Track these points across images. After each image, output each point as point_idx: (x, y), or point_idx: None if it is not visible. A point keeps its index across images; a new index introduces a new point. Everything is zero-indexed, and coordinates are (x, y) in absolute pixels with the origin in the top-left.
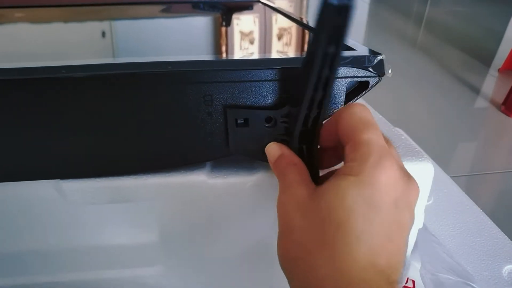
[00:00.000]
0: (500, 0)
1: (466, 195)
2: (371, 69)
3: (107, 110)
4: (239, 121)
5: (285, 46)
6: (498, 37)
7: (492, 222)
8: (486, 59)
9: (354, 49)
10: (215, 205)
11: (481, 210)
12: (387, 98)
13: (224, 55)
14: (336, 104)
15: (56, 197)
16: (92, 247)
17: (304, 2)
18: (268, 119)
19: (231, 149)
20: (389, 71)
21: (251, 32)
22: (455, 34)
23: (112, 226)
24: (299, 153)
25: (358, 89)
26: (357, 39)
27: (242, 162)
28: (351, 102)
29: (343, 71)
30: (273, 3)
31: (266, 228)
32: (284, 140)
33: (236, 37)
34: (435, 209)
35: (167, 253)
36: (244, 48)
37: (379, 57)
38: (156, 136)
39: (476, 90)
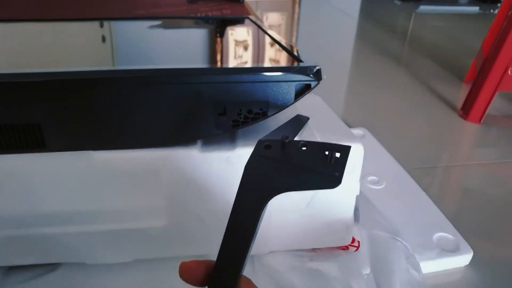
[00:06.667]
0: (478, 17)
1: (414, 181)
2: (312, 76)
3: (139, 104)
4: (220, 111)
5: (259, 59)
6: (473, 52)
7: (431, 201)
8: (459, 72)
9: (303, 61)
10: (205, 172)
11: (425, 193)
12: (370, 105)
13: (215, 64)
14: (288, 99)
15: (86, 165)
16: (111, 206)
17: (296, 16)
18: (239, 111)
19: (215, 130)
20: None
21: (232, 46)
22: (433, 49)
23: (126, 191)
24: None
25: (303, 90)
26: (346, 53)
27: (224, 141)
28: (298, 99)
29: (293, 76)
30: (265, 18)
31: None
32: None
33: (218, 49)
34: (386, 192)
35: (169, 210)
36: (222, 60)
37: (318, 67)
38: (167, 122)
39: (444, 99)
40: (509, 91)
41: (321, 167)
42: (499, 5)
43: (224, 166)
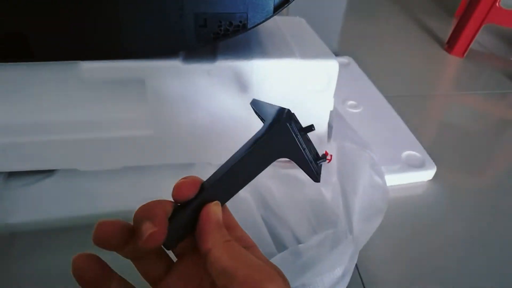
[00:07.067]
0: None
1: (391, 106)
2: None
3: (122, 13)
4: (200, 23)
5: None
6: None
7: (403, 122)
8: (452, 7)
9: None
10: (187, 83)
11: (400, 117)
12: (359, 36)
13: None
14: (266, 12)
15: (73, 75)
16: (99, 115)
17: None
18: (219, 23)
19: (197, 42)
20: None
21: None
22: None
23: (113, 100)
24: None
25: (282, 3)
26: None
27: (205, 54)
28: (277, 12)
29: None
30: None
31: (221, 102)
32: None
33: None
34: (363, 115)
35: (155, 119)
36: None
37: None
38: (149, 32)
39: (432, 34)
40: (496, 24)
41: (315, 163)
42: None
43: (205, 78)
